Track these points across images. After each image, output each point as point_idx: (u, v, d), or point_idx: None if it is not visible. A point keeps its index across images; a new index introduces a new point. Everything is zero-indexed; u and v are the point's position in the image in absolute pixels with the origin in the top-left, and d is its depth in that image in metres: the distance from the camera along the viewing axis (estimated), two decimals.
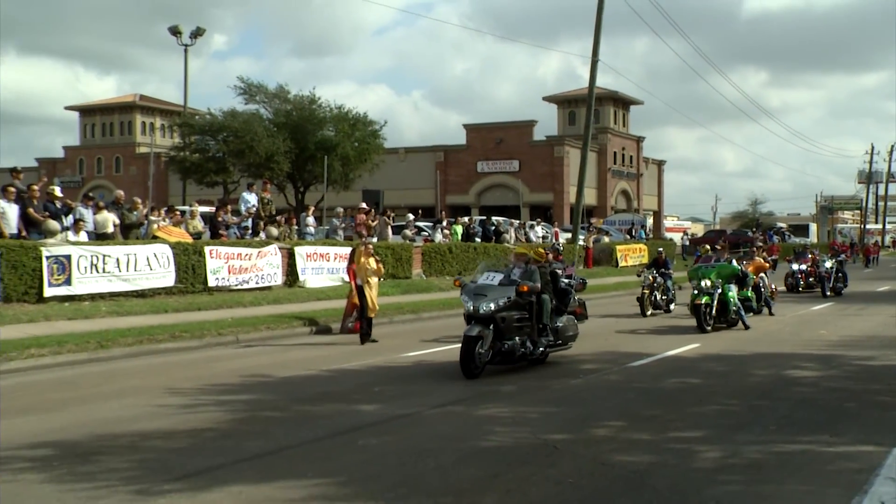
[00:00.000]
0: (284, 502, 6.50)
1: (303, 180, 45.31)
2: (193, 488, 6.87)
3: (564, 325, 13.71)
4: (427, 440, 8.65)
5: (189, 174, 45.25)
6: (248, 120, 43.33)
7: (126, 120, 78.72)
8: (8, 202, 18.94)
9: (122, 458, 7.83)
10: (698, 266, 20.30)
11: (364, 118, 46.40)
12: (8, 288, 17.05)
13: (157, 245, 20.52)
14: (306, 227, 28.19)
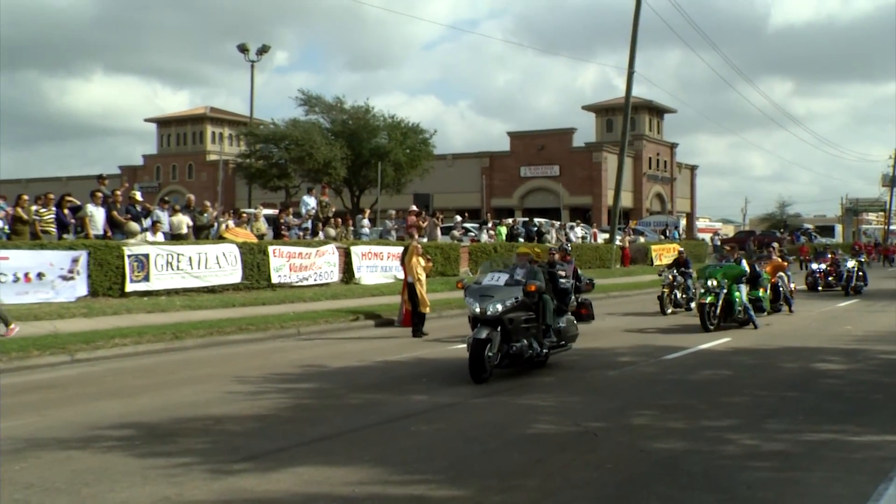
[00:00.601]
0: (342, 484, 6.52)
1: (358, 185, 45.50)
2: (259, 468, 6.93)
3: (565, 326, 12.68)
4: (474, 427, 8.64)
5: (254, 179, 45.72)
6: (308, 129, 43.59)
7: (198, 130, 79.65)
8: (95, 206, 19.33)
9: (196, 440, 7.94)
10: (706, 266, 19.56)
11: (415, 127, 46.45)
12: (95, 283, 17.40)
13: (225, 245, 20.78)
14: (361, 227, 28.32)
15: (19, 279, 16.20)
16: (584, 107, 74.21)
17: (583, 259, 36.48)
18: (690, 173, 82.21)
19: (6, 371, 11.90)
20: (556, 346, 12.33)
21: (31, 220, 18.19)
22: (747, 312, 17.72)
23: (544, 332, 11.93)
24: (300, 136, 42.75)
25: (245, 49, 41.45)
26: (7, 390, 10.64)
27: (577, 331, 13.11)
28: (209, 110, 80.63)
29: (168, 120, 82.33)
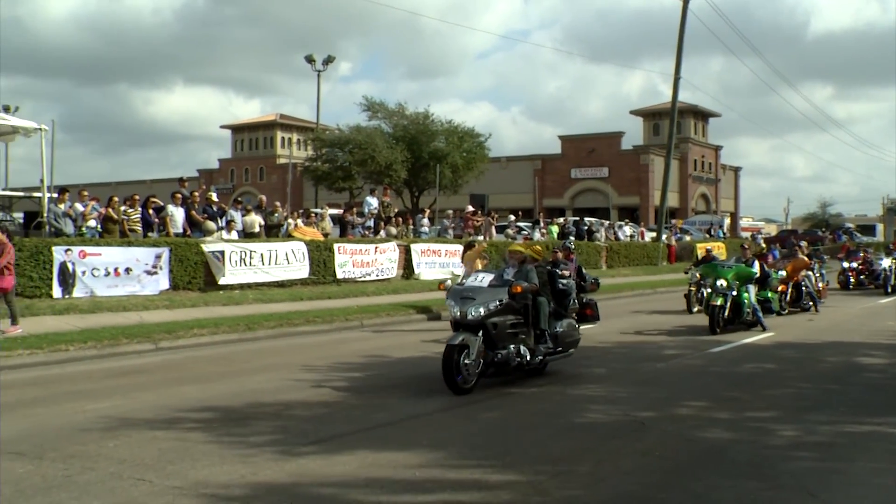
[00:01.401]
0: (403, 467, 6.55)
1: (417, 186, 45.61)
2: (326, 451, 7.00)
3: (564, 331, 10.95)
4: (527, 415, 8.62)
5: (320, 181, 46.13)
6: (371, 134, 43.83)
7: (268, 136, 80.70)
8: (175, 206, 19.74)
9: (267, 424, 8.05)
10: (713, 264, 17.56)
11: (471, 131, 46.41)
12: (176, 278, 17.77)
13: (294, 243, 21.04)
14: (421, 226, 28.40)
15: (110, 273, 16.62)
16: (632, 111, 73.56)
17: (631, 256, 36.16)
18: (734, 175, 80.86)
19: (99, 357, 12.24)
20: (554, 353, 10.70)
21: (120, 220, 18.66)
22: (756, 314, 16.20)
23: (538, 338, 10.44)
24: (363, 141, 43.01)
25: (312, 60, 42.01)
26: (100, 374, 10.95)
27: (579, 335, 11.46)
28: (279, 117, 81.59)
29: (241, 126, 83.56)
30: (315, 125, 46.70)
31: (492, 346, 9.72)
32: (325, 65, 42.49)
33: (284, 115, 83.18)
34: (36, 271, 15.46)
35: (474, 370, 9.51)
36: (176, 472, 6.33)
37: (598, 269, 32.64)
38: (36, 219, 17.74)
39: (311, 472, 6.39)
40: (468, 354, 9.41)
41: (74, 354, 12.17)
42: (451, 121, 46.06)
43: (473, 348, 9.48)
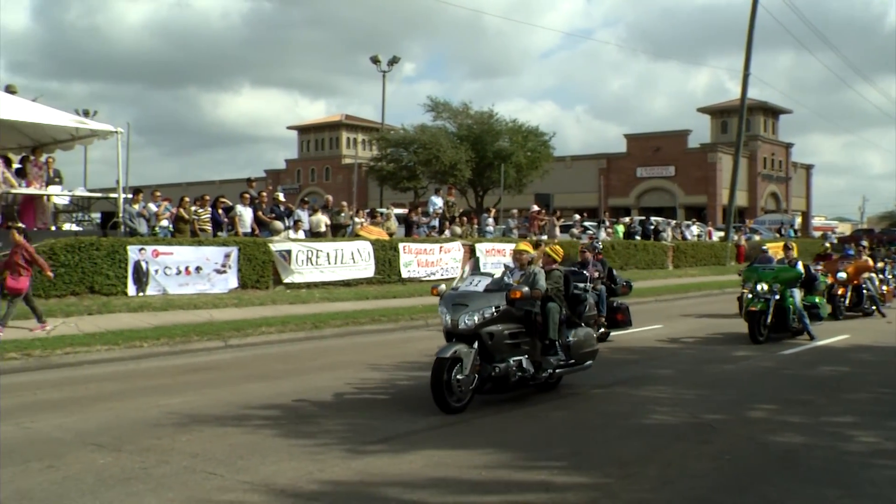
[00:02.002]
0: (469, 467, 6.53)
1: (482, 185, 45.63)
2: (393, 450, 7.03)
3: (579, 341, 9.73)
4: (593, 416, 8.53)
5: (385, 181, 46.51)
6: (435, 134, 44.03)
7: (334, 136, 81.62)
8: (244, 206, 20.10)
9: (334, 421, 8.12)
10: (754, 266, 16.00)
11: (535, 130, 46.29)
12: (244, 276, 18.09)
13: (359, 242, 21.22)
14: (486, 225, 28.36)
15: (181, 272, 17.01)
16: (699, 109, 72.31)
17: (698, 256, 35.53)
18: (806, 172, 78.85)
19: (171, 353, 12.53)
20: (567, 365, 9.56)
21: (190, 220, 19.09)
22: (802, 321, 14.67)
23: (546, 349, 9.32)
24: (428, 141, 43.24)
25: (377, 61, 42.36)
26: (173, 370, 11.21)
27: (596, 345, 10.20)
28: (344, 118, 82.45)
29: (307, 127, 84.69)
30: (380, 125, 47.15)
31: (488, 359, 8.64)
32: (391, 65, 42.82)
33: (350, 115, 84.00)
34: (112, 270, 15.91)
35: (468, 386, 8.44)
36: (246, 467, 6.43)
37: (665, 269, 32.18)
38: (112, 219, 18.25)
39: (377, 471, 6.43)
40: (461, 369, 8.33)
41: (148, 350, 12.49)
42: (515, 120, 46.05)
43: (467, 361, 8.38)
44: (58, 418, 8.12)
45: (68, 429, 7.65)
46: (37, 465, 6.44)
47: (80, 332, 13.14)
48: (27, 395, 9.38)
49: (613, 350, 13.36)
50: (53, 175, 18.57)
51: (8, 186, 16.84)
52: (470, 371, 8.41)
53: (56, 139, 18.94)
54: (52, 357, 11.53)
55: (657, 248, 33.10)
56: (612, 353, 13.04)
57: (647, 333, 15.64)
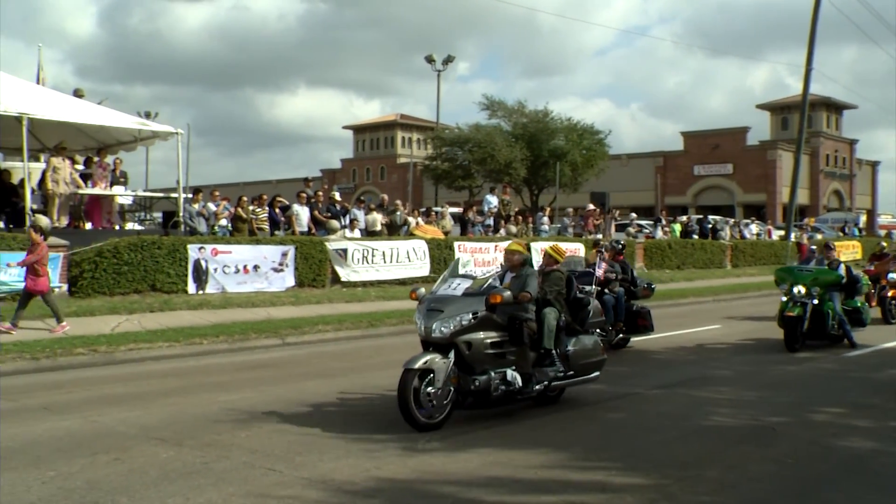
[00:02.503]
0: (525, 467, 6.52)
1: (537, 184, 45.47)
2: (448, 449, 7.05)
3: (579, 350, 8.85)
4: (652, 417, 8.43)
5: (440, 180, 46.63)
6: (490, 132, 44.01)
7: (389, 136, 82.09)
8: (301, 205, 20.36)
9: (390, 419, 8.12)
10: (790, 267, 14.67)
11: (590, 128, 45.97)
12: (301, 275, 18.32)
13: (415, 241, 21.31)
14: (541, 224, 28.27)
15: (239, 270, 17.30)
16: (759, 105, 70.98)
17: (757, 255, 34.87)
18: (871, 169, 76.77)
19: (230, 350, 12.75)
20: (566, 377, 8.72)
21: (248, 219, 19.39)
22: (843, 327, 13.51)
23: (541, 359, 8.48)
24: (483, 139, 43.24)
25: (432, 60, 42.49)
26: (231, 367, 11.41)
27: (602, 355, 9.27)
28: (399, 117, 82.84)
29: (363, 127, 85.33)
30: (435, 124, 47.27)
31: (468, 371, 7.80)
32: (445, 64, 42.89)
33: (404, 114, 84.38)
34: (173, 268, 16.25)
35: (442, 401, 7.59)
36: (304, 463, 6.52)
37: (723, 269, 31.68)
38: (173, 218, 18.64)
39: (433, 469, 6.46)
40: (433, 381, 7.52)
41: (208, 348, 12.73)
42: (570, 118, 45.78)
43: (440, 374, 7.57)
44: (122, 412, 8.33)
45: (132, 423, 7.85)
46: (104, 457, 6.62)
47: (142, 329, 13.45)
48: (94, 389, 9.66)
49: (671, 350, 13.24)
50: (120, 176, 19.07)
51: (75, 187, 17.31)
52: (444, 384, 7.56)
53: (120, 141, 19.42)
54: (117, 353, 11.83)
55: (715, 248, 32.59)
56: (670, 353, 12.94)
57: (706, 334, 15.42)
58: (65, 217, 17.34)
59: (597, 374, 9.14)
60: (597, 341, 9.26)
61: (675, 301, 22.06)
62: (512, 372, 8.05)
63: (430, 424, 7.53)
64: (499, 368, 7.98)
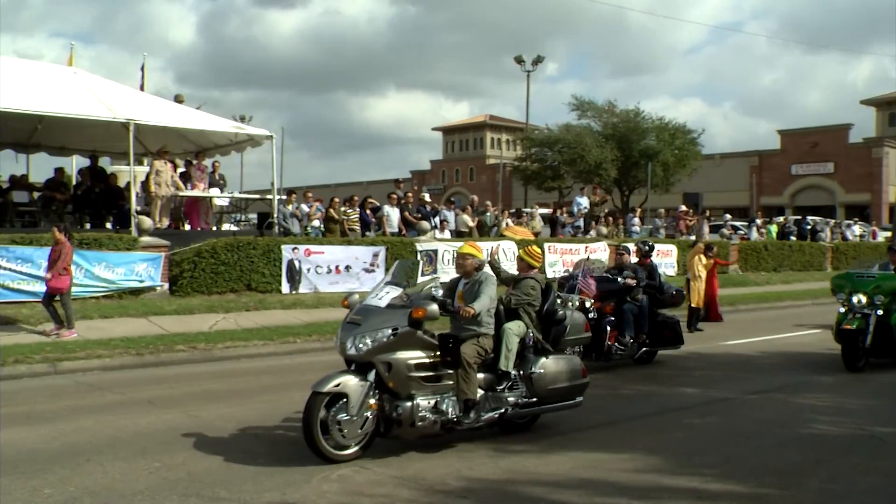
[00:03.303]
0: (618, 470, 6.44)
1: (628, 184, 44.85)
2: (540, 450, 7.03)
3: (547, 373, 7.50)
4: (747, 423, 8.20)
5: (529, 181, 46.48)
6: (580, 133, 43.62)
7: (478, 137, 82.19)
8: (391, 207, 20.57)
9: None
10: (849, 273, 13.01)
11: (683, 128, 45.05)
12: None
13: (504, 241, 21.27)
14: (631, 225, 27.88)
15: (331, 271, 17.61)
16: (863, 101, 68.04)
17: (863, 259, 33.51)
18: None
19: (322, 349, 12.96)
20: (528, 405, 7.45)
21: (340, 220, 19.71)
22: None
23: (497, 382, 7.29)
24: (572, 140, 42.90)
25: (521, 60, 42.46)
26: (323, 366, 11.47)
27: (583, 378, 7.86)
28: (488, 118, 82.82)
29: (452, 128, 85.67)
30: (524, 125, 47.12)
31: (393, 395, 6.73)
32: (535, 65, 42.78)
33: (493, 115, 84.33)
34: (267, 268, 16.65)
35: (356, 429, 6.50)
36: (396, 462, 6.59)
37: (823, 271, 30.56)
38: (267, 219, 19.10)
39: (524, 470, 6.45)
40: (346, 406, 6.46)
41: (301, 346, 13.02)
42: (662, 117, 44.96)
43: (354, 398, 6.47)
44: (220, 408, 8.60)
45: (230, 418, 8.08)
46: (204, 451, 6.85)
47: (238, 327, 13.84)
48: (193, 385, 9.99)
49: (767, 355, 12.87)
50: (218, 178, 19.68)
51: (175, 189, 17.94)
52: (359, 410, 6.47)
53: (217, 144, 20.02)
54: (215, 350, 12.21)
55: (814, 249, 31.47)
56: (766, 357, 12.59)
57: (805, 338, 14.94)
58: (166, 218, 17.98)
59: (580, 398, 7.87)
60: (573, 362, 7.84)
61: (771, 304, 21.46)
62: (448, 399, 6.86)
63: (338, 457, 6.46)
64: (430, 394, 6.81)
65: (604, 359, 11.32)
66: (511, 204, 54.01)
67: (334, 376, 6.56)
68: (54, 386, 9.80)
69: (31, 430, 7.51)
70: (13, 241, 13.81)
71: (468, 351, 6.91)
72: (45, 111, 15.70)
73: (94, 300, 14.36)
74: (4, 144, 19.63)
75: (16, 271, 13.61)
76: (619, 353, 11.51)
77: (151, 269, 15.15)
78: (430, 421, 6.74)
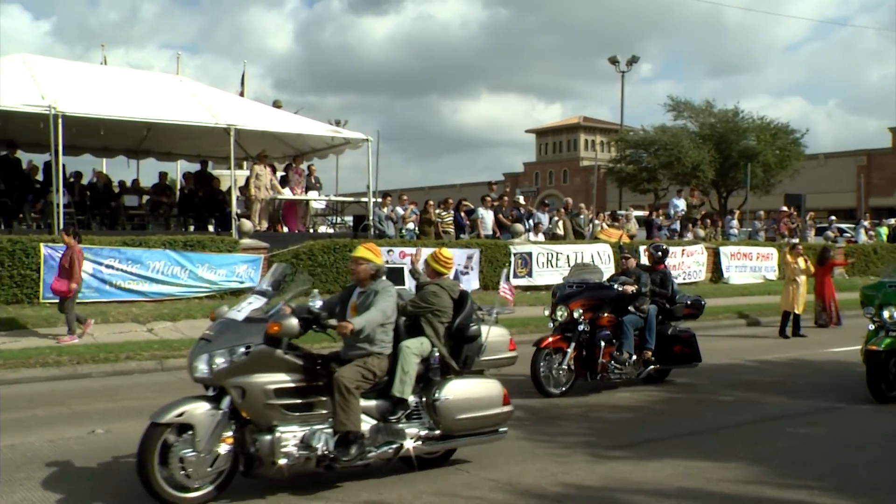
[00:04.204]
0: (718, 479, 6.27)
1: (726, 186, 43.70)
2: (637, 456, 6.91)
3: (455, 400, 6.29)
4: (856, 435, 7.87)
5: (624, 183, 45.80)
6: (676, 134, 42.77)
7: (572, 139, 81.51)
8: (485, 209, 20.59)
9: (576, 425, 8.12)
10: (881, 283, 11.41)
11: (785, 127, 43.62)
12: (486, 278, 18.53)
13: (599, 245, 21.03)
14: (730, 228, 27.14)
15: None
16: None
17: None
18: None
19: None
20: (433, 438, 6.27)
21: (435, 222, 19.84)
22: None
23: (392, 411, 6.16)
24: (668, 141, 42.10)
25: (615, 61, 41.89)
26: None
27: (503, 407, 6.59)
28: (582, 120, 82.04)
29: (545, 130, 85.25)
30: (618, 127, 46.50)
31: (252, 429, 5.69)
32: (629, 65, 42.13)
33: (587, 117, 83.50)
34: None
35: (205, 467, 5.52)
36: (491, 465, 6.59)
37: None
38: (363, 222, 19.37)
39: (621, 476, 6.35)
40: (192, 439, 5.47)
41: None
42: (763, 117, 43.65)
43: (203, 430, 5.48)
44: None
45: None
46: None
47: None
48: None
49: None
50: (315, 182, 20.08)
51: (274, 192, 18.40)
52: (208, 443, 5.49)
53: (314, 148, 20.43)
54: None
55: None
56: None
57: None
58: (265, 221, 18.45)
59: (502, 430, 6.67)
60: (489, 387, 6.59)
61: None
62: (322, 431, 5.79)
63: (182, 500, 5.47)
64: (298, 425, 5.75)
65: (599, 378, 9.81)
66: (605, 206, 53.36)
67: (180, 403, 5.55)
68: (161, 382, 10.18)
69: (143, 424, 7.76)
70: (124, 243, 14.43)
71: (347, 374, 5.85)
72: (155, 118, 16.38)
73: (198, 300, 14.86)
74: (117, 151, 20.56)
75: (126, 272, 14.20)
76: (618, 372, 9.90)
77: (251, 271, 15.56)
78: (298, 457, 5.66)
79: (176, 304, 14.39)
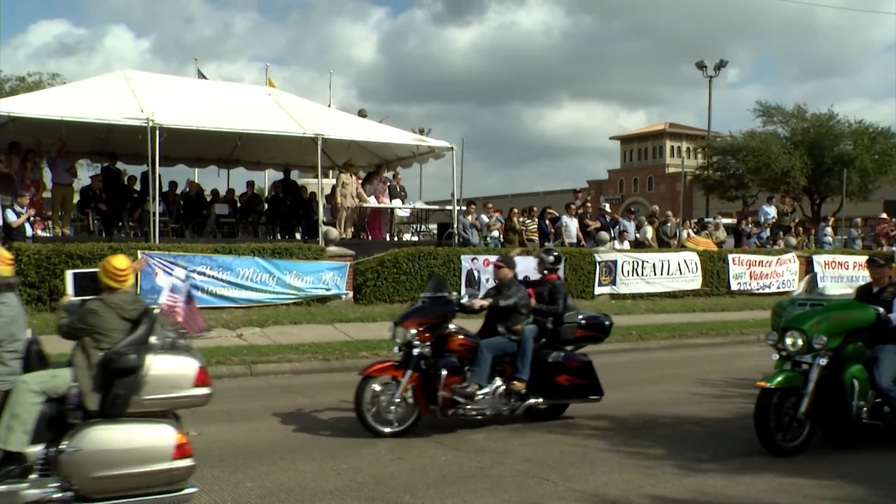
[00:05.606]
0: (816, 497, 6.03)
1: (819, 192, 42.23)
2: (728, 470, 6.71)
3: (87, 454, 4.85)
4: None
5: (712, 190, 44.79)
6: (765, 139, 41.55)
7: (657, 145, 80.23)
8: (570, 217, 20.42)
9: (664, 436, 7.94)
10: (793, 299, 9.65)
11: (885, 132, 41.88)
12: (569, 286, 18.34)
13: (686, 253, 20.67)
14: (823, 236, 26.23)
15: None
16: None
17: None
18: None
19: None
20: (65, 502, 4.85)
21: (519, 230, 19.79)
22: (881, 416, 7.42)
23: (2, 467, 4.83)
24: (757, 147, 40.95)
25: (703, 66, 41.03)
26: None
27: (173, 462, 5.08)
28: (668, 126, 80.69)
29: (630, 137, 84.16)
30: (705, 133, 45.52)
31: None
32: (717, 70, 41.16)
33: (673, 123, 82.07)
34: (447, 278, 16.92)
35: None
36: (577, 475, 6.50)
37: None
38: (447, 229, 19.45)
39: (711, 490, 6.18)
40: None
41: None
42: (861, 121, 42.01)
43: None
44: None
45: None
46: (388, 455, 7.04)
47: None
48: None
49: None
50: (399, 190, 20.27)
51: (360, 201, 18.64)
52: None
53: (399, 157, 20.64)
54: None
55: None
56: None
57: None
58: (350, 229, 18.71)
59: (189, 491, 5.21)
60: (147, 435, 5.07)
61: None
62: None
63: None
64: None
65: (451, 414, 7.86)
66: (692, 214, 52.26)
67: None
68: (250, 387, 10.41)
69: (233, 428, 8.01)
70: (215, 251, 14.84)
71: None
72: (245, 129, 16.82)
73: (286, 307, 15.15)
74: (209, 161, 21.20)
75: (217, 279, 14.60)
76: (465, 409, 7.86)
77: (337, 278, 15.80)
78: None
79: (264, 311, 14.70)
